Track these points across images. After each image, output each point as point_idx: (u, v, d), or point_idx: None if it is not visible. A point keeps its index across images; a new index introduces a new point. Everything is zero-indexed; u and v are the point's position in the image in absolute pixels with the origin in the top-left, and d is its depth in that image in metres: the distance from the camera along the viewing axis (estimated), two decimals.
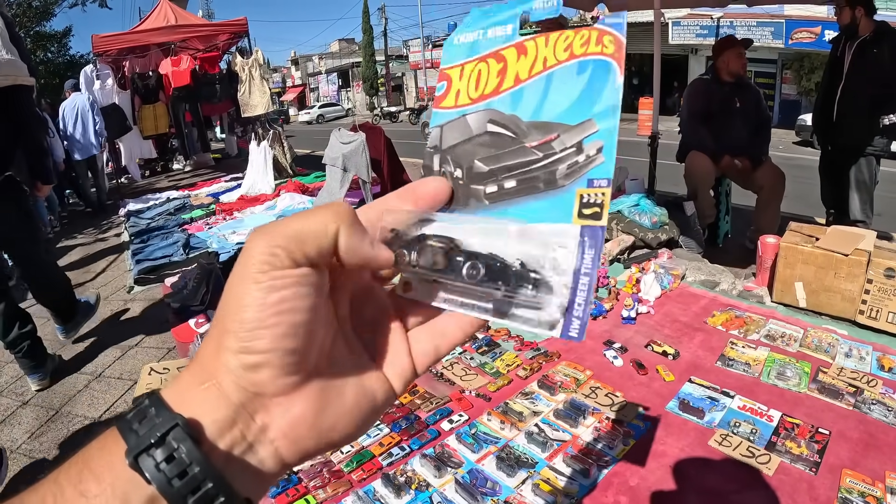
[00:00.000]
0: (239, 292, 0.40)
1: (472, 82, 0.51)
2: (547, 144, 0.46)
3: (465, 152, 0.50)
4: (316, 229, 0.42)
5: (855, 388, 2.64)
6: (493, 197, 0.48)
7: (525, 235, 0.44)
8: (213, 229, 6.91)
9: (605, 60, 0.45)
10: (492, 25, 0.51)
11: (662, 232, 4.79)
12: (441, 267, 0.46)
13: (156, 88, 11.46)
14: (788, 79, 23.84)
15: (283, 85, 63.18)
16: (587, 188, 0.44)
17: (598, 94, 0.45)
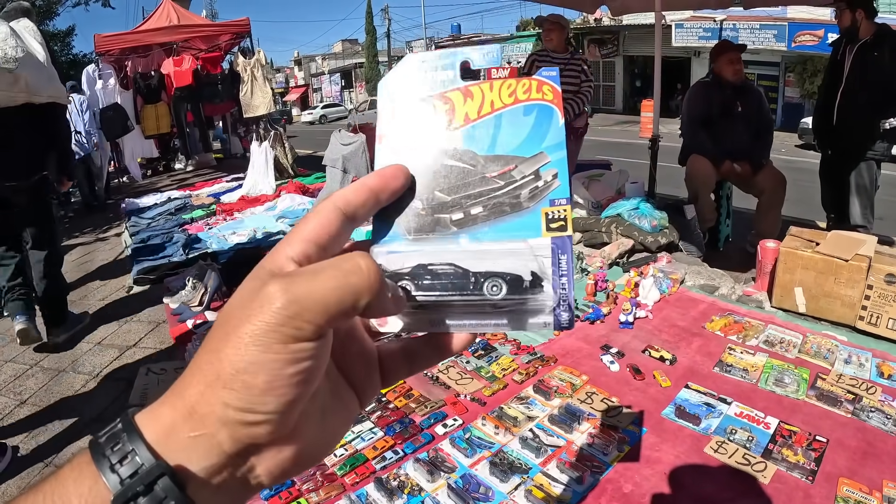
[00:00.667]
0: (249, 354, 0.39)
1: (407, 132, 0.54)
2: (507, 174, 0.52)
3: (423, 185, 0.53)
4: (347, 301, 0.40)
5: (854, 396, 2.62)
6: (460, 223, 0.52)
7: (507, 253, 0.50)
8: (213, 230, 6.90)
9: (548, 105, 0.52)
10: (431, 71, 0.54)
11: (662, 236, 4.77)
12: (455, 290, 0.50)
13: (158, 88, 11.46)
14: (791, 82, 23.82)
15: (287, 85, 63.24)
16: (550, 207, 0.51)
17: (545, 132, 0.52)
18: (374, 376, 0.53)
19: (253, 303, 0.39)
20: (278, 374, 0.39)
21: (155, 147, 12.50)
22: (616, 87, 31.71)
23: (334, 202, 0.47)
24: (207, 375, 0.40)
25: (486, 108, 0.53)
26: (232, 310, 0.41)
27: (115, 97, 10.54)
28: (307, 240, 0.45)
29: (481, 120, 0.53)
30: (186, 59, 11.32)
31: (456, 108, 0.53)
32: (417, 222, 0.52)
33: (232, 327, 0.40)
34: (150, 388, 3.40)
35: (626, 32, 28.97)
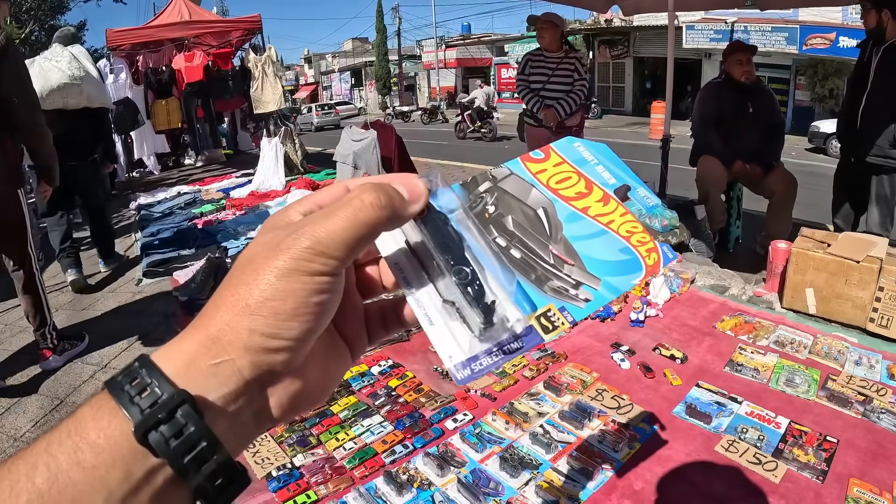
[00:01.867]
0: (280, 283, 0.43)
1: (559, 176, 0.61)
2: (561, 261, 0.56)
3: (508, 204, 0.58)
4: (362, 234, 0.46)
5: (864, 397, 2.61)
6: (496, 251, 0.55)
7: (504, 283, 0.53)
8: (222, 224, 6.90)
9: (640, 262, 0.57)
10: (605, 166, 0.62)
11: (673, 236, 4.76)
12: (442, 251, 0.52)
13: (169, 83, 11.52)
14: (802, 85, 23.78)
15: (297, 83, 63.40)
16: (558, 311, 0.54)
17: (618, 273, 0.56)
18: (362, 332, 0.57)
19: (280, 244, 0.44)
20: (304, 301, 0.43)
21: (165, 142, 12.52)
22: (626, 89, 31.72)
23: (345, 182, 0.53)
24: (234, 305, 0.44)
25: (604, 218, 0.59)
26: (255, 252, 0.45)
27: (126, 92, 10.58)
28: (316, 203, 0.50)
29: (592, 219, 0.59)
30: (197, 55, 11.37)
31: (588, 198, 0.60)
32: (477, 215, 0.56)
33: (259, 265, 0.44)
34: None
35: (636, 34, 28.99)
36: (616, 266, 0.56)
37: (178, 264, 5.43)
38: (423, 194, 0.51)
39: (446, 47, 43.68)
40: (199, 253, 5.60)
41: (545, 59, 6.06)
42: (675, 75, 6.22)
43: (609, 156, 0.62)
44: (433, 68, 44.00)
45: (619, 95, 31.90)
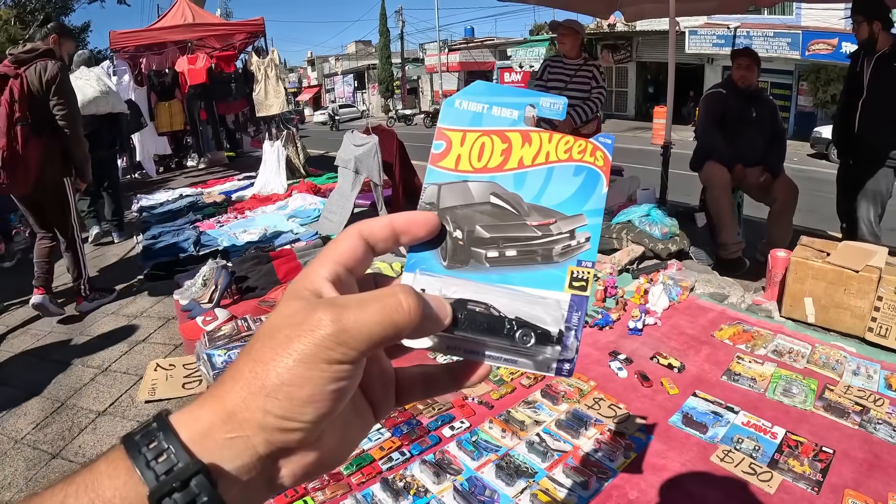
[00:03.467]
0: (297, 369, 0.43)
1: (474, 152, 0.57)
2: (546, 226, 0.55)
3: (466, 216, 0.56)
4: (389, 334, 0.45)
5: (861, 407, 2.62)
6: (494, 261, 0.55)
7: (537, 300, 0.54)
8: (224, 227, 6.95)
9: (596, 171, 0.56)
10: (497, 104, 0.57)
11: (672, 243, 4.77)
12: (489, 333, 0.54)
13: (172, 86, 11.53)
14: (804, 90, 23.73)
15: (300, 85, 63.43)
16: (577, 266, 0.55)
17: (588, 196, 0.56)
18: (389, 395, 0.56)
19: (303, 324, 0.44)
20: (320, 389, 0.43)
21: (168, 144, 12.54)
22: (629, 93, 31.69)
23: (360, 231, 0.52)
24: (251, 383, 0.43)
25: (541, 157, 0.56)
26: (278, 325, 0.45)
27: (129, 94, 10.56)
28: (337, 262, 0.50)
29: (534, 168, 0.56)
30: (201, 58, 11.37)
31: (513, 150, 0.56)
32: (453, 251, 0.55)
33: (279, 343, 0.44)
34: (159, 383, 3.42)
35: (639, 38, 28.95)
36: (582, 190, 0.56)
37: (178, 268, 5.44)
38: (450, 314, 0.52)
39: (449, 51, 43.57)
40: (200, 256, 5.61)
41: (564, 65, 6.04)
42: (678, 80, 6.23)
43: (490, 90, 0.58)
44: (436, 72, 43.96)
45: (621, 100, 31.89)
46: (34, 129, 4.41)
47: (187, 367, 3.54)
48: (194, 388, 3.29)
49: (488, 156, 0.56)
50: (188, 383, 3.36)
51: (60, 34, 4.72)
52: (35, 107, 4.38)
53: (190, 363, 3.57)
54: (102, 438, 3.07)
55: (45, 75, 4.33)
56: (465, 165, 0.56)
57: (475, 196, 0.56)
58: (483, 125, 0.57)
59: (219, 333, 3.67)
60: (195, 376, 3.41)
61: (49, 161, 4.52)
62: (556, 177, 0.56)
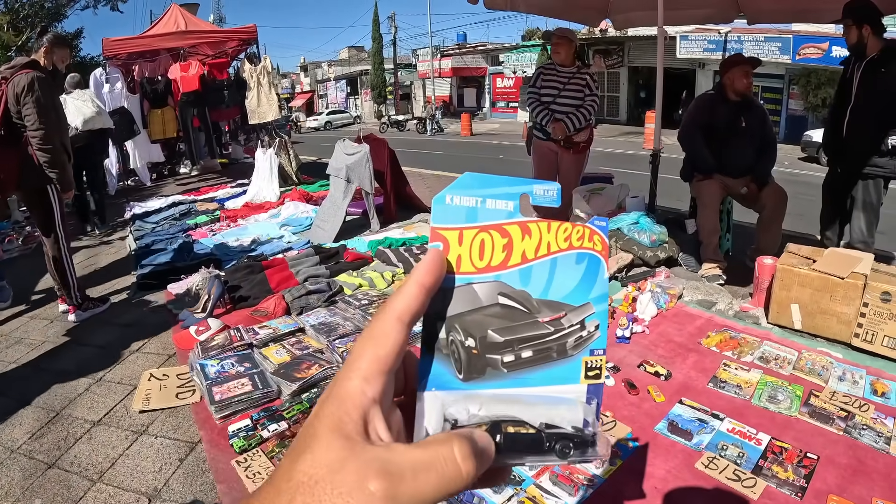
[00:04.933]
0: None
1: (474, 250, 0.53)
2: (557, 321, 0.55)
3: (476, 322, 0.53)
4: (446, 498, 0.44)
5: (846, 413, 2.65)
6: (511, 366, 0.54)
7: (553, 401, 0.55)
8: (216, 236, 6.96)
9: (597, 257, 0.56)
10: (491, 196, 0.54)
11: (661, 250, 4.80)
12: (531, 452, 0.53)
13: (165, 93, 11.51)
14: (795, 94, 23.78)
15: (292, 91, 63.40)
16: (590, 356, 0.55)
17: (592, 283, 0.56)
18: None
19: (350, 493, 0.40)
20: None
21: (161, 151, 12.54)
22: (620, 98, 31.71)
23: (400, 318, 0.48)
24: None
25: (542, 248, 0.55)
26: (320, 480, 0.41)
27: (121, 101, 10.58)
28: (383, 371, 0.46)
29: (538, 262, 0.55)
30: (193, 65, 11.38)
31: (514, 244, 0.54)
32: (468, 362, 0.53)
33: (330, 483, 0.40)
34: (153, 392, 3.43)
35: (631, 44, 29.03)
36: (586, 278, 0.56)
37: (171, 277, 5.44)
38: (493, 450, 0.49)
39: (441, 56, 43.52)
40: (193, 265, 5.62)
41: (557, 72, 6.04)
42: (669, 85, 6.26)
43: (481, 182, 0.54)
44: (428, 77, 43.94)
45: (613, 105, 31.91)
46: (8, 140, 4.49)
47: (181, 377, 3.55)
48: (188, 397, 3.31)
49: (490, 253, 0.54)
50: (181, 393, 3.37)
51: (52, 44, 4.75)
52: (9, 119, 4.45)
53: (183, 373, 3.58)
54: (97, 448, 3.07)
55: (17, 88, 4.38)
56: (467, 267, 0.53)
57: (482, 298, 0.53)
58: (479, 220, 0.54)
59: (212, 343, 3.70)
60: (188, 386, 3.42)
61: (28, 169, 4.57)
62: (560, 267, 0.55)
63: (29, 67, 4.49)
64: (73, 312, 4.95)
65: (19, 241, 7.60)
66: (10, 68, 4.54)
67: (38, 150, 4.47)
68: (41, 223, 4.87)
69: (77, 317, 4.94)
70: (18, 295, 5.50)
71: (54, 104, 4.64)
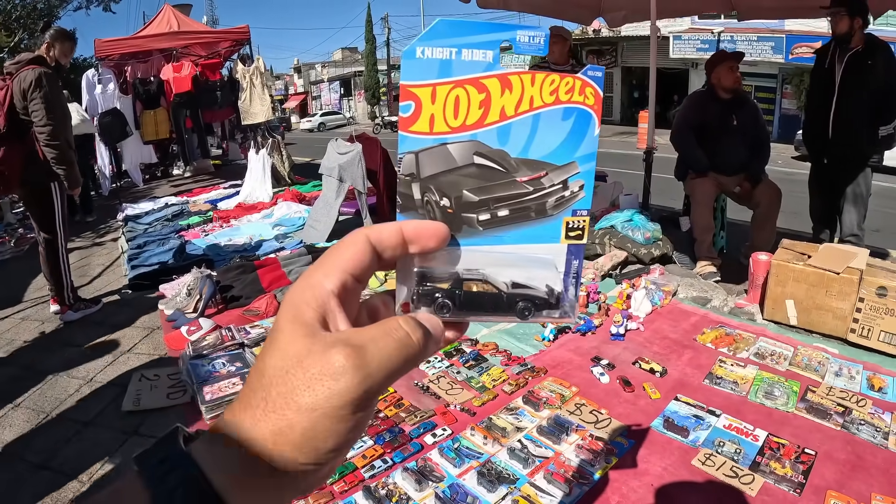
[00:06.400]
0: (321, 425, 0.42)
1: (448, 108, 0.51)
2: (537, 180, 0.53)
3: (451, 182, 0.52)
4: (405, 369, 0.47)
5: (844, 408, 2.63)
6: (486, 224, 0.53)
7: (530, 260, 0.54)
8: (209, 236, 6.92)
9: (587, 111, 0.52)
10: (467, 46, 0.50)
11: (655, 248, 4.78)
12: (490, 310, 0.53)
13: (157, 94, 11.49)
14: (788, 94, 23.89)
15: (286, 92, 63.34)
16: (572, 217, 0.54)
17: (580, 140, 0.53)
18: None
19: (322, 374, 0.43)
20: (344, 437, 0.44)
21: (154, 152, 12.49)
22: (614, 98, 31.77)
23: (368, 235, 0.49)
24: (274, 435, 0.43)
25: (524, 104, 0.52)
26: (289, 370, 0.43)
27: (114, 102, 10.54)
28: (343, 269, 0.48)
29: (519, 118, 0.52)
30: (186, 66, 11.34)
31: (492, 100, 0.51)
32: (444, 221, 0.52)
33: (298, 393, 0.43)
34: (143, 393, 3.40)
35: (624, 44, 29.08)
36: (573, 135, 0.52)
37: (163, 277, 5.40)
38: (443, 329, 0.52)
39: None
40: (185, 265, 5.58)
41: (551, 70, 5.99)
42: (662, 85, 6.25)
43: (456, 29, 0.50)
44: None
45: (607, 105, 31.86)
46: (13, 136, 4.43)
47: (171, 378, 3.52)
48: (178, 398, 3.27)
49: (465, 111, 0.51)
50: (172, 393, 3.34)
51: (53, 39, 4.71)
52: (15, 114, 4.41)
53: (174, 373, 3.55)
54: (88, 449, 3.04)
55: (23, 83, 4.35)
56: (440, 126, 0.51)
57: (457, 159, 0.52)
58: (453, 74, 0.50)
59: (203, 343, 3.66)
60: (179, 386, 3.39)
61: (32, 165, 4.52)
62: (544, 124, 0.52)
63: (35, 63, 4.47)
64: (64, 313, 4.92)
65: (11, 242, 7.56)
66: (14, 63, 4.54)
67: (47, 146, 4.44)
68: (41, 221, 4.82)
69: (69, 317, 4.91)
70: (10, 296, 5.47)
71: (60, 101, 4.61)
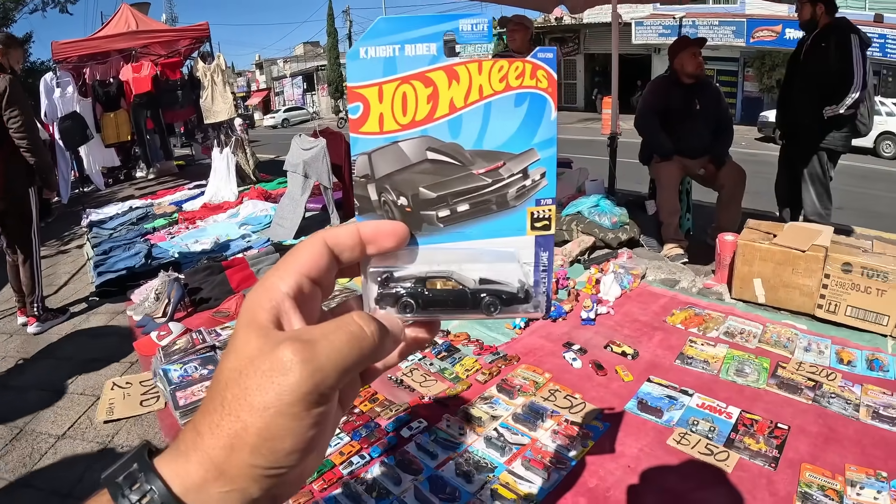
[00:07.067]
0: (276, 424, 0.41)
1: (396, 106, 0.50)
2: (494, 171, 0.51)
3: (406, 181, 0.51)
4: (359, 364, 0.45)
5: (814, 382, 2.67)
6: (447, 220, 0.52)
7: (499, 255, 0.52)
8: (175, 239, 6.83)
9: (541, 95, 0.50)
10: (409, 42, 0.50)
11: (623, 232, 4.81)
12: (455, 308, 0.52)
13: (117, 95, 11.27)
14: (750, 76, 24.22)
15: (248, 89, 62.73)
16: (536, 206, 0.52)
17: (536, 126, 0.51)
18: (356, 389, 0.54)
19: (271, 370, 0.42)
20: (301, 437, 0.42)
21: (116, 156, 12.30)
22: (577, 85, 31.92)
23: (324, 238, 0.49)
24: (233, 440, 0.42)
25: (473, 94, 0.50)
26: (242, 370, 0.43)
27: (73, 105, 10.33)
28: (299, 272, 0.47)
29: (469, 109, 0.51)
30: (145, 66, 11.14)
31: (440, 93, 0.50)
32: (404, 220, 0.51)
33: (251, 394, 0.42)
34: (117, 402, 3.35)
35: (586, 31, 29.19)
36: (528, 121, 0.50)
37: (130, 283, 5.32)
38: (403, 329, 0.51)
39: None
40: (152, 270, 5.51)
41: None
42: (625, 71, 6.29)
43: (397, 26, 0.49)
44: None
45: (570, 92, 32.04)
46: None
47: (144, 384, 3.47)
48: (152, 404, 3.23)
49: (413, 107, 0.50)
50: (146, 400, 3.29)
51: (5, 45, 4.65)
52: None
53: (146, 380, 3.50)
54: (64, 462, 3.01)
55: None
56: (390, 125, 0.51)
57: (410, 156, 0.51)
58: (398, 71, 0.50)
59: (174, 348, 3.61)
60: (152, 393, 3.34)
61: (15, 173, 4.54)
62: (496, 113, 0.50)
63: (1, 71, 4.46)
64: (32, 324, 4.87)
65: None
66: None
67: (28, 151, 4.47)
68: (16, 230, 4.79)
69: (37, 329, 4.86)
70: None
71: (29, 106, 4.62)
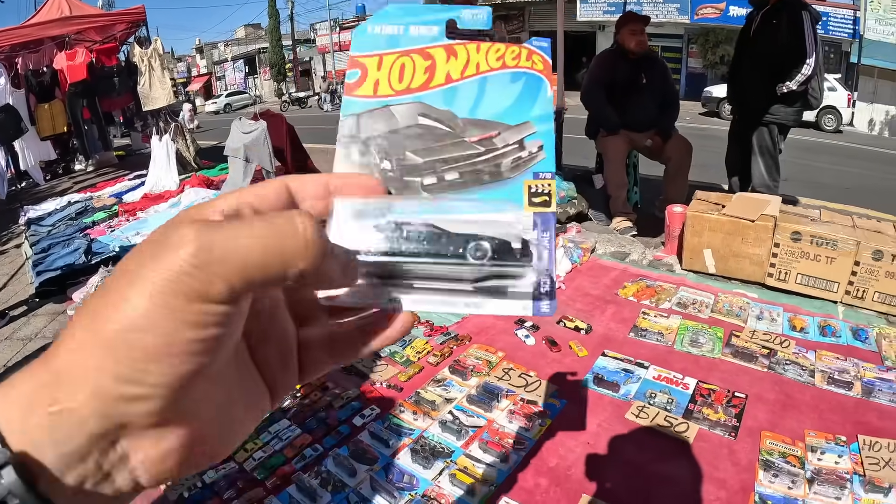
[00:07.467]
0: (141, 307, 0.30)
1: (394, 74, 0.50)
2: (488, 140, 0.48)
3: (393, 143, 0.48)
4: (272, 265, 0.32)
5: (768, 350, 2.70)
6: (432, 188, 0.48)
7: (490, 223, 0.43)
8: (115, 232, 6.60)
9: (537, 75, 0.49)
10: (414, 24, 0.50)
11: (571, 206, 4.81)
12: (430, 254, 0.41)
13: (51, 85, 10.89)
14: (694, 53, 24.64)
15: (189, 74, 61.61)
16: (534, 179, 0.47)
17: (533, 101, 0.49)
18: (290, 367, 0.42)
19: (157, 242, 0.31)
20: (173, 336, 0.30)
21: (52, 149, 11.93)
22: None
23: (287, 182, 0.40)
24: (85, 332, 0.31)
25: (470, 69, 0.50)
26: (132, 252, 0.32)
27: (6, 98, 9.95)
28: (244, 201, 0.36)
29: (465, 81, 0.50)
30: (80, 53, 10.76)
31: (437, 66, 0.50)
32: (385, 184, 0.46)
33: (130, 273, 0.31)
34: None
35: (531, 8, 29.23)
36: (524, 96, 0.49)
37: (71, 280, 5.16)
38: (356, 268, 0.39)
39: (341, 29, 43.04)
40: (92, 265, 5.34)
41: None
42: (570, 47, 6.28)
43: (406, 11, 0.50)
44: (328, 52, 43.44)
45: None
46: None
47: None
48: None
49: (410, 75, 0.50)
50: None
51: None
52: None
53: None
54: None
55: None
56: (385, 90, 0.49)
57: (400, 120, 0.49)
58: (401, 46, 0.50)
59: None
60: None
61: None
62: (491, 86, 0.49)
63: None
64: None
65: None
66: None
67: None
68: None
69: None
70: None
71: None
